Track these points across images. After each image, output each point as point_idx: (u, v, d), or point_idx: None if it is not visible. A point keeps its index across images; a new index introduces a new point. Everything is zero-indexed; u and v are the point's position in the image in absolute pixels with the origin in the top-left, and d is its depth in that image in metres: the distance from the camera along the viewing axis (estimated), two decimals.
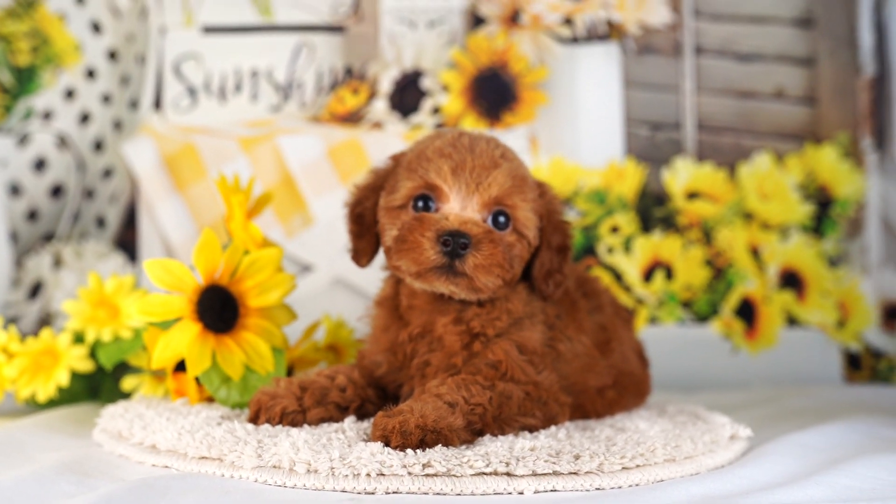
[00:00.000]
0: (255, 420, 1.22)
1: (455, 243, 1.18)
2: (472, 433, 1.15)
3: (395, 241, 1.23)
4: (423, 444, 1.09)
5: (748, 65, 2.06)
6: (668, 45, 2.05)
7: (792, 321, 2.04)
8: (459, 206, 1.23)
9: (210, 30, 2.03)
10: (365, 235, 1.32)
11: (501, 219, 1.25)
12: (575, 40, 2.04)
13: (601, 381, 1.37)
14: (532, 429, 1.22)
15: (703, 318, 2.03)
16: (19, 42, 2.01)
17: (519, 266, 1.27)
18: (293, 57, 2.04)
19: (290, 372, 1.51)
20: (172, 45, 2.02)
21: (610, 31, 2.05)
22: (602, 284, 1.49)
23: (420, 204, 1.24)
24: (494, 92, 2.02)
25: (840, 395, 1.88)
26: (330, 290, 1.97)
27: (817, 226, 2.04)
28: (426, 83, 2.02)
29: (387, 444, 1.09)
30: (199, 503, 0.97)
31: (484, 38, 2.03)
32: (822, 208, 2.05)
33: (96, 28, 2.06)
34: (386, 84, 2.02)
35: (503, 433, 1.19)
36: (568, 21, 2.03)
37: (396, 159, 1.33)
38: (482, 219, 1.24)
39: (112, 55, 2.07)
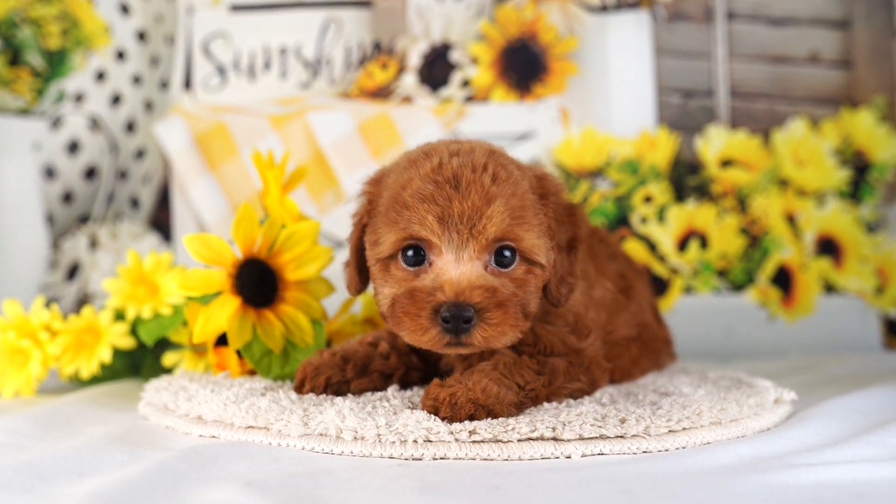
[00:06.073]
0: (299, 389, 1.23)
1: (456, 319, 1.06)
2: (521, 410, 1.15)
3: (391, 316, 1.12)
4: (472, 418, 1.09)
5: (781, 29, 2.03)
6: (699, 11, 2.03)
7: (829, 288, 2.02)
8: (454, 258, 1.09)
9: (237, 8, 2.03)
10: (363, 272, 1.22)
11: (507, 253, 1.12)
12: (604, 9, 2.02)
13: (628, 329, 1.35)
14: (578, 393, 1.21)
15: (738, 286, 2.02)
16: (49, 25, 2.02)
17: (537, 296, 1.16)
18: (321, 33, 2.04)
19: (328, 345, 1.52)
20: (201, 24, 2.02)
21: None
22: (609, 233, 1.47)
23: (410, 253, 1.12)
24: (524, 63, 2.01)
25: (880, 361, 1.86)
26: None
27: (854, 191, 2.02)
28: (455, 56, 2.01)
29: (435, 414, 1.09)
30: (250, 470, 0.98)
31: (512, 9, 2.01)
32: (859, 173, 2.02)
33: (125, 9, 2.06)
34: (415, 58, 2.01)
35: (550, 402, 1.18)
36: None
37: (372, 193, 1.19)
38: (484, 264, 1.11)
39: (141, 36, 2.08)
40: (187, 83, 2.03)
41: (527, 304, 1.13)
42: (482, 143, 1.18)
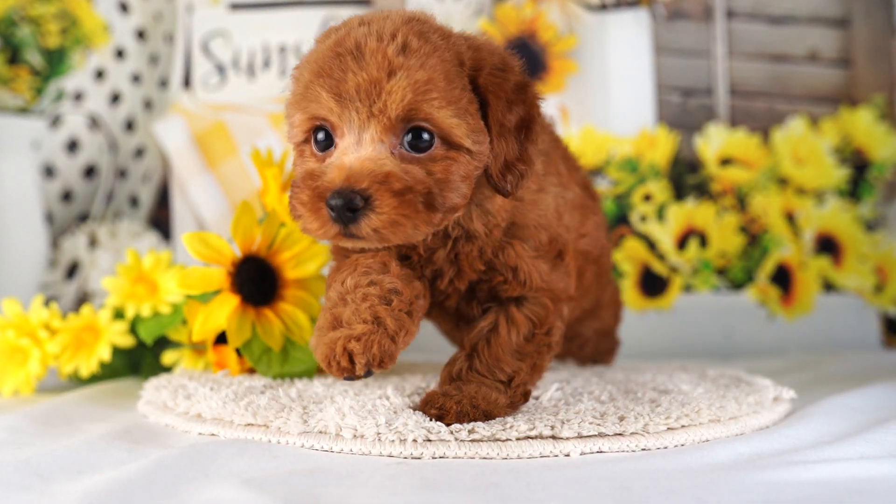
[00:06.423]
0: (350, 372, 1.04)
1: (340, 208, 0.94)
2: (516, 408, 1.15)
3: (289, 203, 1.01)
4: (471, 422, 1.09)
5: (781, 27, 2.03)
6: (699, 10, 2.03)
7: (829, 287, 2.02)
8: (355, 140, 0.97)
9: (237, 6, 2.03)
10: None
11: (426, 135, 0.98)
12: (604, 7, 2.01)
13: (591, 242, 1.27)
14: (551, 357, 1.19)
15: (738, 285, 2.02)
16: (48, 24, 2.02)
17: (462, 186, 1.00)
18: (321, 31, 2.03)
19: None
20: (200, 22, 2.02)
21: None
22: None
23: (320, 136, 1.01)
24: (523, 62, 2.00)
25: (879, 360, 1.86)
26: None
27: (853, 190, 2.02)
28: None
29: (439, 421, 1.08)
30: (249, 467, 0.98)
31: (512, 8, 2.01)
32: (859, 172, 2.02)
33: (124, 8, 2.06)
34: None
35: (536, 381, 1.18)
36: None
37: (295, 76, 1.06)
38: (391, 146, 0.97)
39: (140, 35, 2.07)
40: (187, 82, 2.03)
41: (437, 194, 0.98)
42: (404, 11, 1.04)
